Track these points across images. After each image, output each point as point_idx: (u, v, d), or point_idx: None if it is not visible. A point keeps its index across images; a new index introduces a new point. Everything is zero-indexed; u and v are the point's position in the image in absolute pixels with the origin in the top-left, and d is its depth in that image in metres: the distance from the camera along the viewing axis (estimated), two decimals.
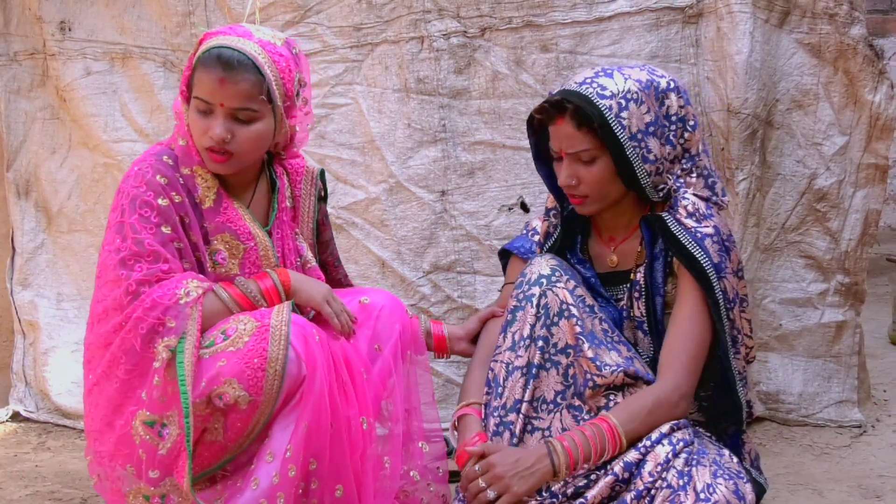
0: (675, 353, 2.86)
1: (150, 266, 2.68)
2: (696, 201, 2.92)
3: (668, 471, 2.70)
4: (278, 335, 2.65)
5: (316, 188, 3.09)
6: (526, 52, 3.73)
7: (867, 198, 3.71)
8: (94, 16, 3.97)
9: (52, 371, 4.03)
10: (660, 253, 2.95)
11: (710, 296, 2.85)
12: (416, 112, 3.77)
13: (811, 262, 3.74)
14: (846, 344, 3.79)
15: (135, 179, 2.76)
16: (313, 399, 2.66)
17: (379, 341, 2.91)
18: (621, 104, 2.86)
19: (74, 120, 4.02)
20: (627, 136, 2.85)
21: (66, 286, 4.10)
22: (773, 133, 3.68)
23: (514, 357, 2.88)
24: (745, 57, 3.55)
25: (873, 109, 3.64)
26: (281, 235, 2.98)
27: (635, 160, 2.87)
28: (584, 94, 2.88)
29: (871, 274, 4.01)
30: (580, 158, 2.90)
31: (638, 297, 2.97)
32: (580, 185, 2.92)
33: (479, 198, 3.78)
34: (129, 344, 2.64)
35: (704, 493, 2.65)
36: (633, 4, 3.67)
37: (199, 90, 2.77)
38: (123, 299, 2.67)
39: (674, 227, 2.90)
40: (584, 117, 2.86)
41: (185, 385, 2.60)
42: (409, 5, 3.75)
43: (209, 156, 2.80)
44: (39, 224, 4.11)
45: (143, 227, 2.70)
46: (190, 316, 2.65)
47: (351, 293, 3.02)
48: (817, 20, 3.62)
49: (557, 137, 2.93)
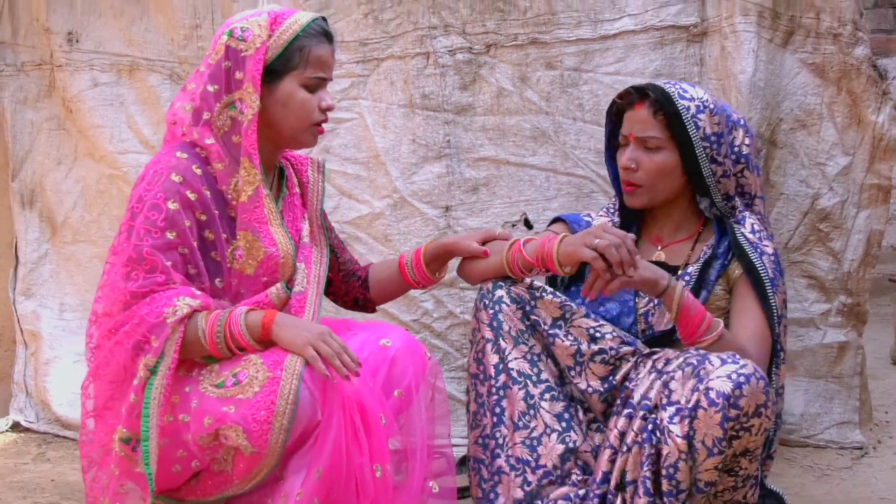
0: (747, 341, 2.95)
1: (146, 276, 2.66)
2: (761, 224, 3.09)
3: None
4: (288, 389, 2.59)
5: (323, 175, 3.10)
6: (531, 69, 3.74)
7: (870, 218, 3.71)
8: (101, 27, 3.99)
9: (53, 381, 4.04)
10: (721, 254, 3.08)
11: (765, 304, 2.98)
12: (421, 128, 3.78)
13: (814, 282, 3.74)
14: (848, 365, 3.78)
15: (148, 183, 2.74)
16: (329, 446, 2.63)
17: (396, 386, 2.83)
18: (699, 107, 3.06)
19: (80, 131, 4.03)
20: (700, 136, 3.04)
21: (69, 297, 4.11)
22: (777, 152, 3.69)
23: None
24: (749, 76, 3.56)
25: (876, 130, 3.64)
26: (292, 217, 2.97)
27: (703, 159, 3.04)
28: (667, 90, 3.06)
29: (873, 294, 4.01)
30: (646, 144, 3.07)
31: (685, 285, 3.01)
32: (638, 170, 3.08)
33: (482, 214, 3.78)
34: (116, 355, 2.64)
35: (732, 358, 2.71)
36: (637, 23, 3.68)
37: (312, 69, 2.82)
38: (117, 307, 2.67)
39: (740, 237, 3.06)
40: (663, 105, 3.04)
41: (149, 409, 2.59)
42: (415, 21, 3.76)
43: (316, 130, 2.88)
44: (44, 234, 4.12)
45: (147, 233, 2.68)
46: (170, 337, 2.62)
47: (372, 330, 2.95)
48: (821, 40, 3.62)
49: (631, 121, 3.10)
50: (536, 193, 3.76)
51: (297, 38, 2.79)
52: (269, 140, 2.85)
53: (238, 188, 2.79)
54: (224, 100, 2.79)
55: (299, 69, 2.80)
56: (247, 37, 2.78)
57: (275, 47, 2.78)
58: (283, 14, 2.83)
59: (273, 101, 2.81)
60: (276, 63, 2.79)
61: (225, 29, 2.84)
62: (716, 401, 2.63)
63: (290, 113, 2.82)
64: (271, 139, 2.86)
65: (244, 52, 2.78)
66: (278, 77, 2.80)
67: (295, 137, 2.87)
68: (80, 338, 3.87)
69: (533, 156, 3.76)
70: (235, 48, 2.79)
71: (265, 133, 2.82)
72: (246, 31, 2.79)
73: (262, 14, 2.83)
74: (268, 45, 2.78)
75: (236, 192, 2.80)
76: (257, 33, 2.78)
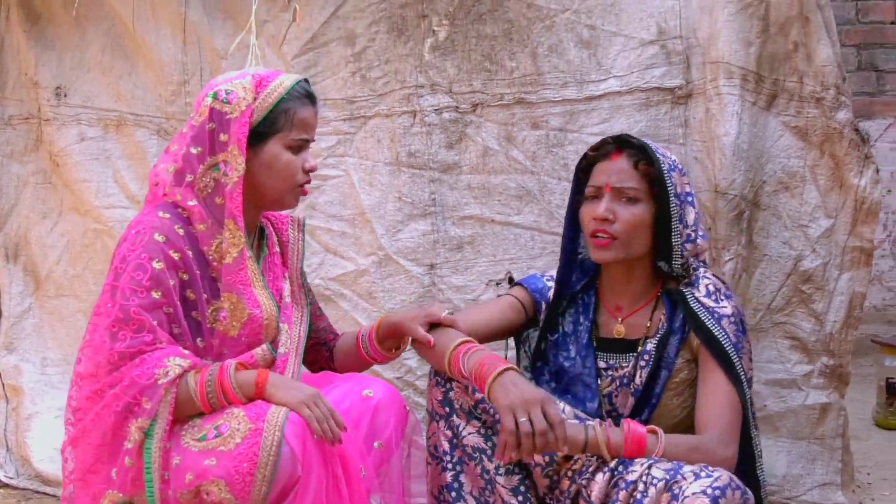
0: (715, 415, 2.90)
1: (134, 336, 2.65)
2: (717, 282, 3.02)
3: (651, 468, 2.73)
4: (271, 440, 2.59)
5: (303, 234, 3.09)
6: (517, 128, 3.77)
7: (852, 280, 3.72)
8: (90, 82, 4.01)
9: (34, 437, 4.01)
10: (678, 329, 3.00)
11: (731, 375, 2.91)
12: (407, 185, 3.79)
13: (796, 343, 3.75)
14: (830, 426, 3.78)
15: (131, 243, 2.74)
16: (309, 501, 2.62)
17: (377, 437, 2.85)
18: (671, 165, 3.01)
19: (67, 185, 4.03)
20: (674, 193, 2.97)
21: (52, 351, 4.09)
22: (760, 214, 3.71)
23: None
24: (732, 138, 3.59)
25: (859, 193, 3.66)
26: (273, 277, 2.97)
27: (674, 218, 2.97)
28: (645, 143, 3.02)
29: (855, 355, 4.01)
30: (624, 195, 2.98)
31: (644, 366, 3.00)
32: (615, 222, 2.97)
33: (467, 272, 3.79)
34: (102, 419, 2.62)
35: (705, 472, 2.66)
36: (623, 84, 3.71)
37: (297, 131, 2.84)
38: (102, 368, 2.65)
39: (694, 305, 2.98)
40: (645, 156, 2.98)
41: (151, 473, 2.58)
42: (402, 80, 3.79)
43: (300, 191, 2.89)
44: (27, 288, 4.11)
45: (133, 293, 2.68)
46: (163, 398, 2.62)
47: (354, 381, 2.96)
48: (804, 104, 3.66)
49: (607, 172, 3.02)
50: (521, 252, 3.77)
51: (282, 101, 2.81)
52: (251, 201, 2.86)
53: (221, 249, 2.80)
54: (207, 161, 2.81)
55: (284, 131, 2.81)
56: (231, 99, 2.80)
57: (260, 110, 2.80)
58: (267, 77, 2.85)
59: (258, 163, 2.82)
60: (260, 126, 2.81)
61: (209, 90, 2.85)
62: None
63: (275, 175, 2.83)
64: (254, 201, 2.87)
65: (229, 114, 2.80)
66: (263, 140, 2.81)
67: (278, 199, 2.88)
68: (63, 392, 3.85)
69: (518, 215, 3.78)
70: (220, 110, 2.80)
71: (248, 194, 2.84)
72: (230, 94, 2.81)
73: (246, 76, 2.85)
74: (253, 107, 2.80)
75: (218, 252, 2.81)
76: (242, 96, 2.80)
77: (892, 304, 7.15)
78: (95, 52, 4.00)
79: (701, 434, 2.91)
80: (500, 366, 2.77)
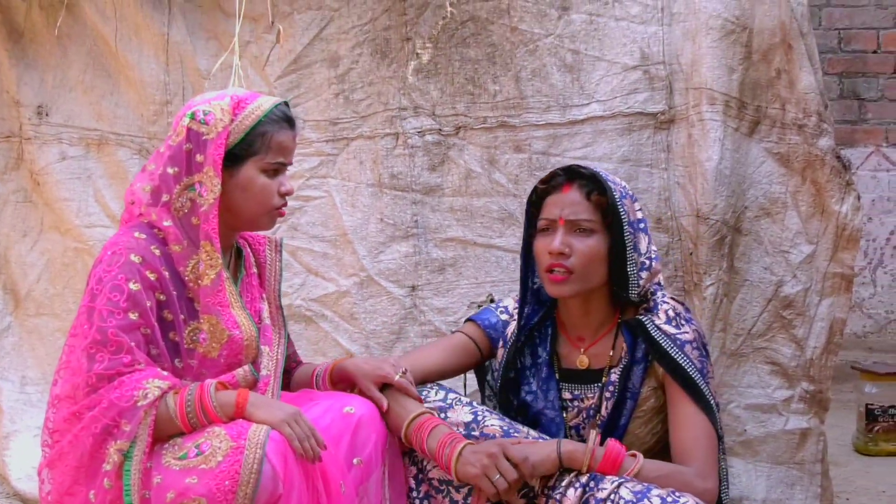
0: (690, 447, 2.87)
1: (112, 358, 2.63)
2: (676, 305, 2.98)
3: (620, 487, 2.71)
4: (252, 458, 2.58)
5: (281, 255, 3.09)
6: (499, 151, 3.77)
7: (833, 306, 3.73)
8: (71, 101, 4.00)
9: (12, 456, 3.98)
10: (641, 358, 2.97)
11: (701, 402, 2.89)
12: (389, 207, 3.79)
13: (776, 368, 3.75)
14: (810, 451, 3.78)
15: (107, 264, 2.73)
16: None
17: (357, 453, 2.84)
18: (622, 192, 2.98)
19: (47, 204, 4.02)
20: (627, 221, 2.93)
21: (31, 370, 4.06)
22: (742, 239, 3.71)
23: None
24: (714, 164, 3.60)
25: (840, 220, 3.67)
26: (251, 298, 2.97)
27: (629, 247, 2.93)
28: (595, 172, 2.98)
29: (835, 381, 4.02)
30: (578, 227, 2.95)
31: (609, 397, 2.98)
32: (571, 256, 2.93)
33: (448, 294, 3.79)
34: (80, 441, 2.61)
35: (672, 496, 2.65)
36: (605, 109, 3.72)
37: (273, 154, 2.83)
38: (80, 391, 2.63)
39: (656, 334, 2.94)
40: (596, 186, 2.94)
41: (131, 496, 2.57)
42: (385, 102, 3.79)
43: (276, 214, 2.89)
44: (7, 306, 4.09)
45: (110, 314, 2.67)
46: (143, 420, 2.60)
47: (335, 398, 2.95)
48: (786, 131, 3.67)
49: (559, 205, 2.98)
50: (503, 275, 3.77)
51: (260, 124, 2.81)
52: (227, 223, 2.86)
53: (197, 270, 2.80)
54: (184, 181, 2.81)
55: (260, 155, 2.81)
56: (209, 120, 2.80)
57: (237, 132, 2.80)
58: (246, 99, 2.85)
59: (233, 185, 2.82)
60: (237, 148, 2.80)
61: (187, 111, 2.85)
62: None
63: (250, 197, 2.83)
64: (229, 222, 2.87)
65: (206, 135, 2.79)
66: (239, 162, 2.81)
67: (254, 221, 2.88)
68: (41, 411, 3.82)
69: (500, 237, 3.78)
70: (197, 131, 2.80)
71: (224, 216, 2.84)
72: (208, 115, 2.81)
73: (224, 97, 2.85)
74: (230, 129, 2.80)
75: (195, 273, 2.80)
76: (219, 117, 2.80)
77: (873, 332, 7.18)
78: (77, 72, 3.99)
79: (679, 465, 2.90)
80: (456, 447, 2.82)
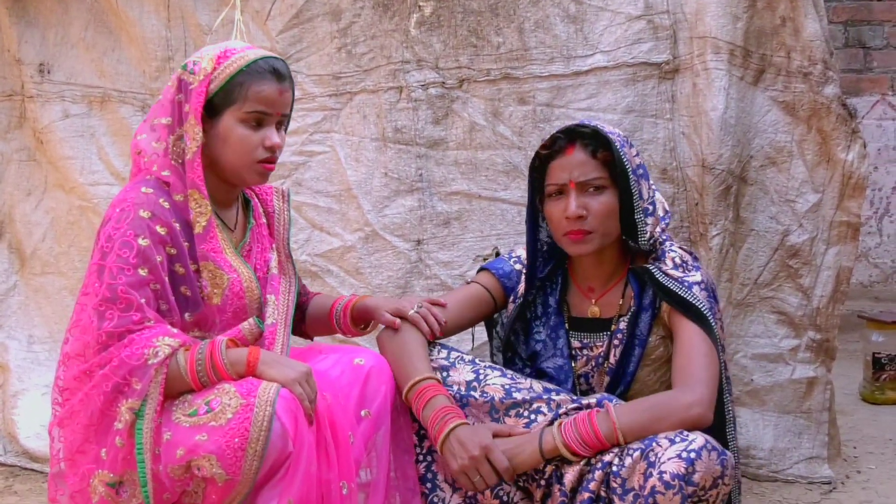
0: (686, 367, 2.84)
1: (122, 315, 2.62)
2: (683, 253, 2.97)
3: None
4: (262, 416, 2.57)
5: (289, 203, 3.08)
6: (503, 104, 3.76)
7: (839, 255, 3.73)
8: (73, 59, 3.98)
9: (21, 414, 4.00)
10: (648, 305, 2.97)
11: (710, 334, 2.87)
12: (394, 161, 3.78)
13: (783, 317, 3.76)
14: (817, 400, 3.80)
15: (116, 221, 2.71)
16: (299, 477, 2.61)
17: (366, 405, 2.84)
18: (622, 142, 2.95)
19: (51, 162, 4.02)
20: (631, 171, 2.92)
21: (38, 328, 4.08)
22: (747, 189, 3.71)
23: None
24: (720, 113, 3.58)
25: (846, 168, 3.67)
26: (261, 248, 2.97)
27: (635, 195, 2.92)
28: (595, 127, 2.94)
29: (842, 330, 4.03)
30: (591, 187, 2.93)
31: (618, 345, 2.98)
32: (588, 216, 2.92)
33: (454, 248, 3.78)
34: (91, 399, 2.60)
35: (680, 437, 2.64)
36: (609, 59, 3.71)
37: (251, 104, 2.78)
38: (91, 349, 2.63)
39: (662, 279, 2.93)
40: (601, 141, 2.92)
41: (143, 454, 2.57)
42: (388, 55, 3.77)
43: (261, 168, 2.83)
44: (12, 266, 4.10)
45: (120, 271, 2.65)
46: (154, 378, 2.59)
47: (344, 351, 2.95)
48: (792, 79, 3.65)
49: (567, 168, 2.95)
50: (508, 228, 3.77)
51: (240, 73, 2.78)
52: (217, 175, 2.85)
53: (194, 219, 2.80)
54: (176, 132, 2.80)
55: (238, 104, 2.78)
56: (195, 69, 2.79)
57: (217, 81, 2.78)
58: (233, 49, 2.83)
59: (213, 135, 2.80)
60: (216, 97, 2.78)
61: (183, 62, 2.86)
62: (671, 483, 2.58)
63: (229, 149, 2.81)
64: (218, 175, 2.86)
65: (191, 84, 2.78)
66: (218, 112, 2.79)
67: (237, 174, 2.84)
68: (49, 370, 3.85)
69: (505, 190, 3.77)
70: (186, 80, 2.80)
71: (213, 169, 2.83)
72: (196, 64, 2.80)
73: (218, 48, 2.84)
74: (211, 77, 2.78)
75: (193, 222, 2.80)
76: (204, 66, 2.79)
77: (879, 281, 7.18)
78: (79, 29, 3.98)
79: (659, 392, 2.90)
80: (445, 427, 2.82)
